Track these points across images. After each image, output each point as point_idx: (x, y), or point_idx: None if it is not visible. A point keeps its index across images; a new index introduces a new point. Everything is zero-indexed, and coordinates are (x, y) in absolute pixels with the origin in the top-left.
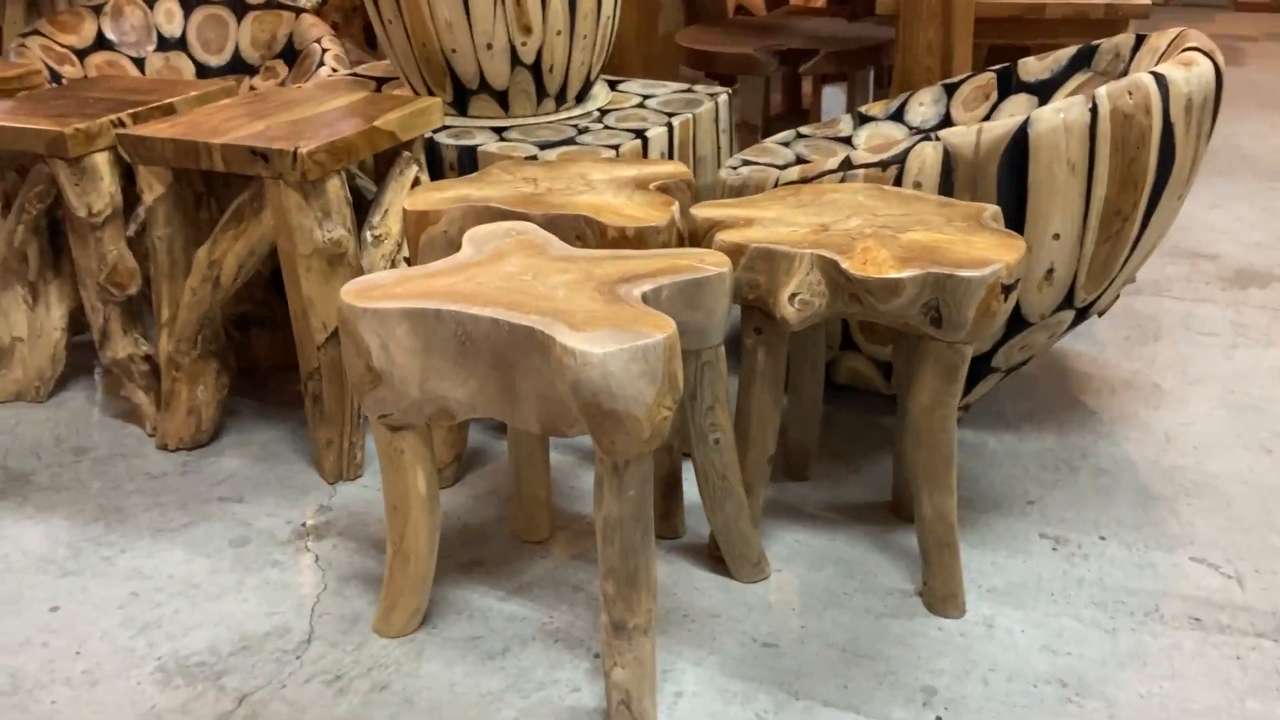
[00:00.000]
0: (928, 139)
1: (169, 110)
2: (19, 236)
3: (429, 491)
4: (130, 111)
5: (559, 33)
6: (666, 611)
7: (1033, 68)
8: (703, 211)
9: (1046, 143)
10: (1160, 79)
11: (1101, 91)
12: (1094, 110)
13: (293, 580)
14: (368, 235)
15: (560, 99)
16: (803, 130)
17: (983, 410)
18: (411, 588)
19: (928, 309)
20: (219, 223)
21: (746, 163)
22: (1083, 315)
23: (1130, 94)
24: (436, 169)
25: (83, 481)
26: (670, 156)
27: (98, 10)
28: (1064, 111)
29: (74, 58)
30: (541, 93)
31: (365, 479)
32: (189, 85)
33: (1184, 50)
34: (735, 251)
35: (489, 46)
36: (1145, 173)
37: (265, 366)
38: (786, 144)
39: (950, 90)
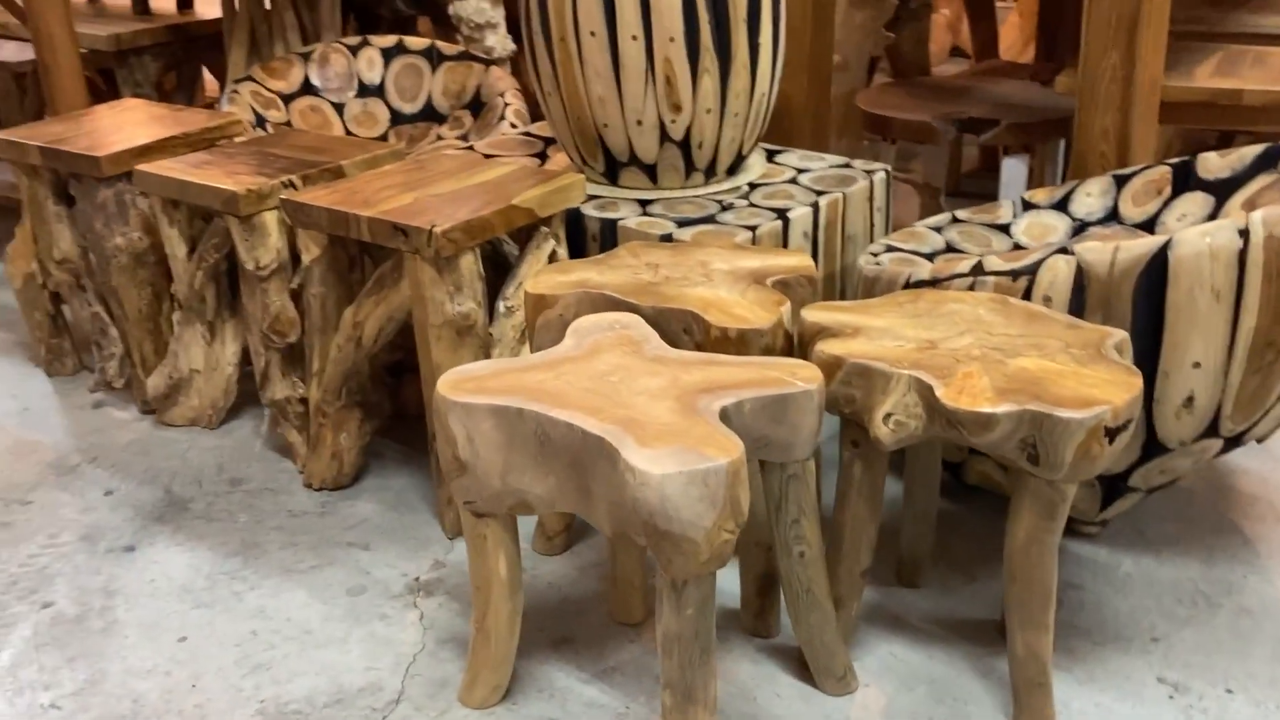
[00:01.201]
0: (1064, 251)
1: (338, 173)
2: (198, 280)
3: (509, 576)
4: (301, 174)
5: (709, 111)
6: (743, 716)
7: (1213, 164)
8: (812, 315)
9: (1188, 268)
10: None
11: (1257, 216)
12: (1245, 235)
13: (395, 637)
14: (501, 306)
15: (710, 173)
16: (959, 214)
17: (1124, 526)
18: (492, 665)
19: (1024, 445)
20: (364, 287)
21: (891, 249)
22: (1234, 444)
23: None
24: (580, 239)
25: (232, 513)
26: (815, 237)
27: (306, 57)
28: (1210, 235)
29: (280, 103)
30: (690, 167)
31: None
32: (361, 147)
33: None
34: (833, 364)
35: (639, 123)
36: None
37: (415, 412)
38: (939, 229)
39: (1121, 181)
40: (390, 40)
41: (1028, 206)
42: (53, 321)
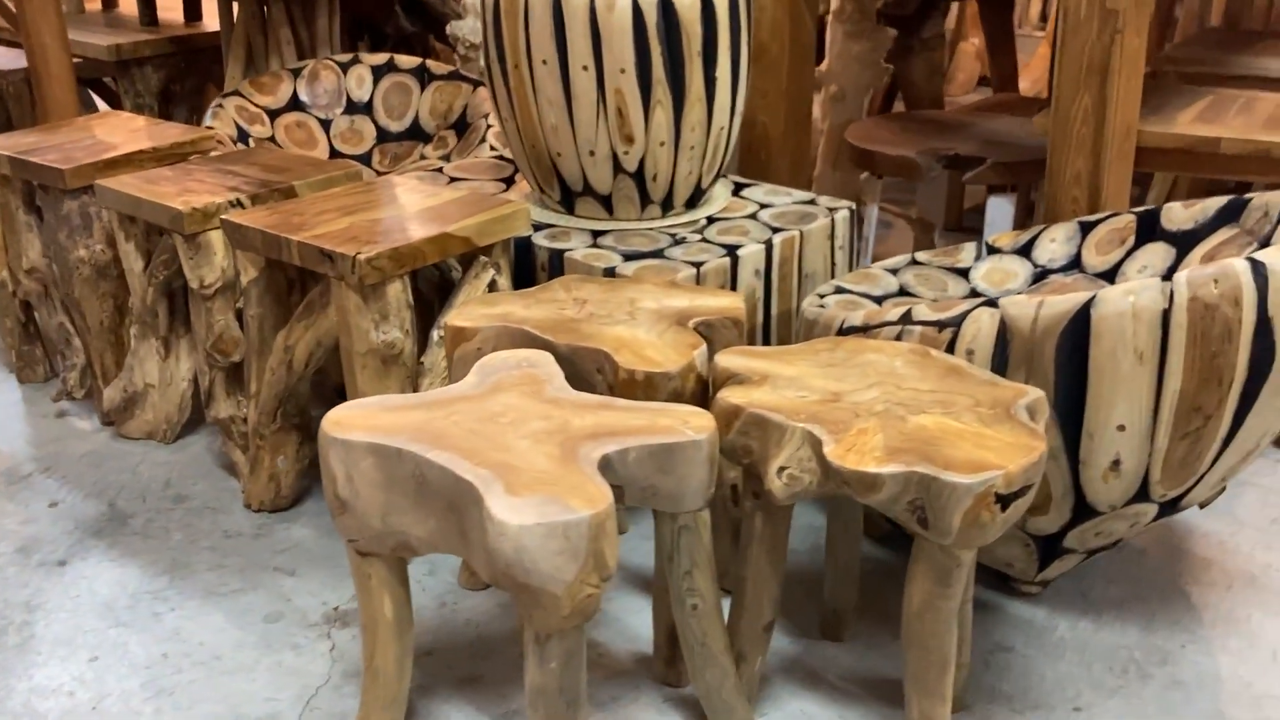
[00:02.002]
0: (991, 304)
1: (289, 193)
2: (150, 296)
3: (396, 616)
4: (252, 193)
5: (662, 144)
6: None
7: (1177, 215)
8: (725, 360)
9: (1110, 327)
10: (1258, 267)
11: (1182, 277)
12: (1170, 296)
13: (303, 668)
14: (435, 335)
15: (666, 206)
16: (919, 257)
17: (1067, 586)
18: (382, 704)
19: (914, 507)
20: (296, 311)
21: (841, 290)
22: (1170, 509)
23: (1216, 283)
24: (530, 268)
25: (169, 531)
26: (768, 275)
27: (296, 73)
28: (1134, 295)
29: (265, 118)
30: (646, 199)
31: (412, 568)
32: (318, 168)
33: None
34: (732, 413)
35: (591, 153)
36: (1232, 369)
37: None
38: (895, 271)
39: (1086, 229)
40: (381, 58)
41: (991, 250)
42: (24, 329)
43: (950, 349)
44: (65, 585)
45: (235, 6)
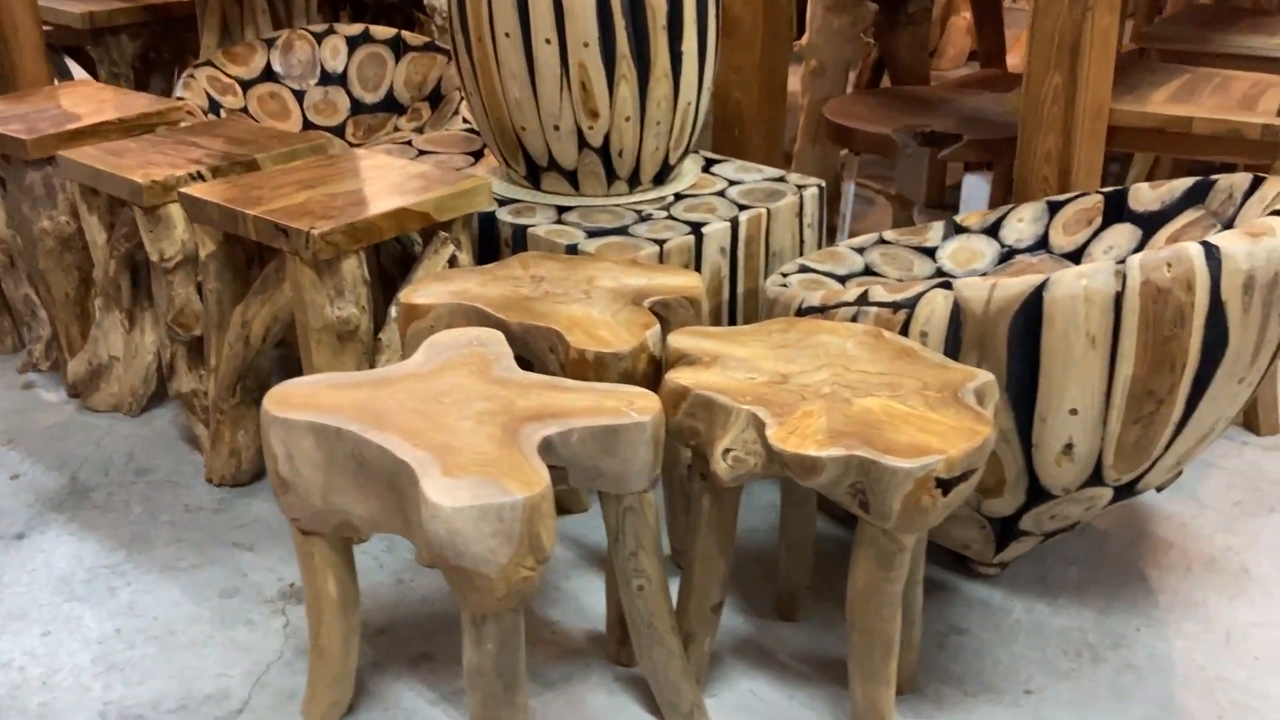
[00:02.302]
0: (945, 286)
1: (250, 166)
2: (113, 268)
3: (341, 595)
4: (213, 166)
5: (627, 119)
6: None
7: (1144, 196)
8: (678, 341)
9: (1063, 310)
10: (1212, 251)
11: (1135, 260)
12: (1123, 279)
13: (256, 644)
14: (393, 311)
15: (633, 182)
16: (886, 236)
17: (1025, 568)
18: (328, 682)
19: (855, 491)
20: (253, 285)
21: (805, 269)
22: (1126, 492)
23: (1169, 266)
24: (495, 244)
25: (129, 505)
26: (733, 253)
27: (270, 44)
28: (1087, 278)
29: (238, 88)
30: (612, 175)
31: (370, 546)
32: (282, 140)
33: (1269, 212)
34: (679, 395)
35: (556, 128)
36: (1185, 354)
37: None
38: (862, 250)
39: (1054, 208)
40: (356, 29)
41: (958, 230)
42: None
43: (905, 331)
44: (22, 559)
45: None
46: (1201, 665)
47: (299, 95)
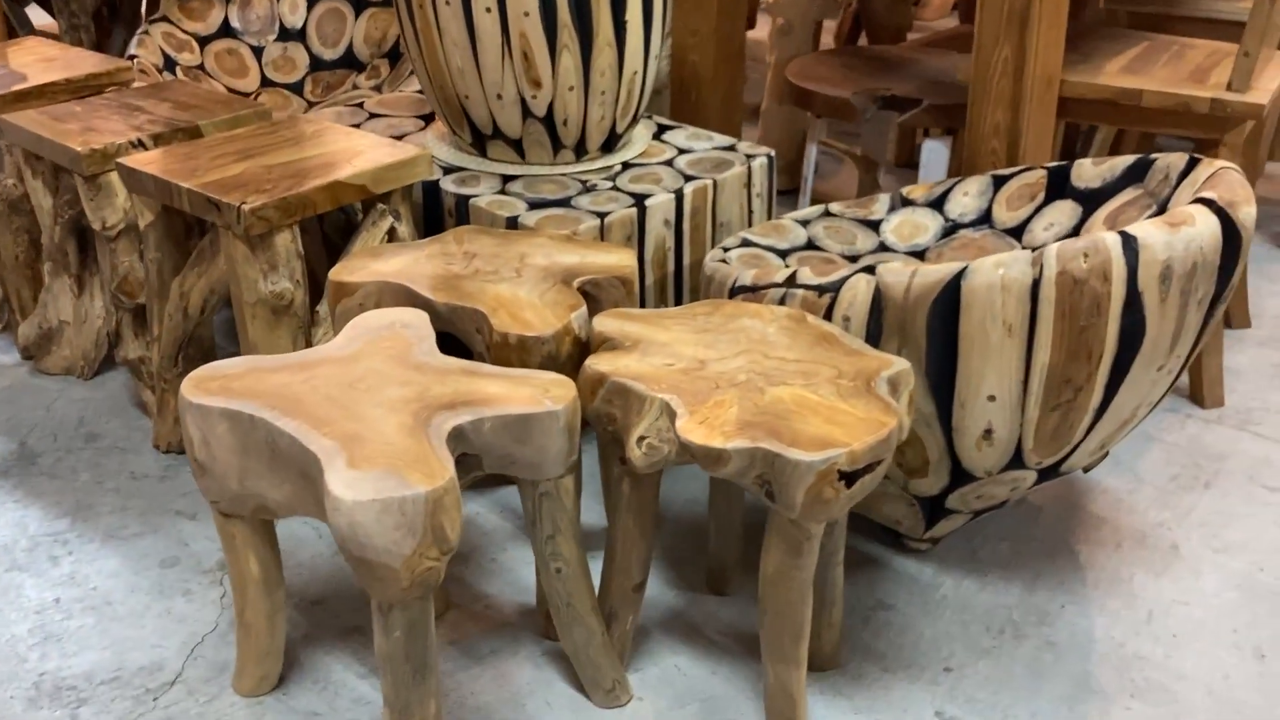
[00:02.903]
0: (869, 270)
1: (194, 133)
2: (58, 234)
3: (263, 575)
4: (152, 133)
5: (571, 89)
6: None
7: (1087, 172)
8: (602, 324)
9: (980, 299)
10: (1129, 241)
11: (1051, 250)
12: (1039, 269)
13: (192, 615)
14: None
15: (580, 150)
16: (832, 208)
17: (957, 543)
18: (255, 658)
19: (761, 481)
20: (190, 257)
21: (747, 243)
22: (1051, 474)
23: (1086, 256)
24: (439, 214)
25: (76, 471)
26: (678, 225)
27: None
28: (1004, 267)
29: (194, 44)
30: (557, 144)
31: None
32: (227, 106)
33: (1194, 200)
34: (596, 381)
35: (499, 96)
36: (1102, 343)
37: None
38: (806, 223)
39: (999, 183)
40: None
41: (905, 202)
42: None
43: (829, 314)
44: None
45: None
46: (1121, 642)
47: (257, 51)
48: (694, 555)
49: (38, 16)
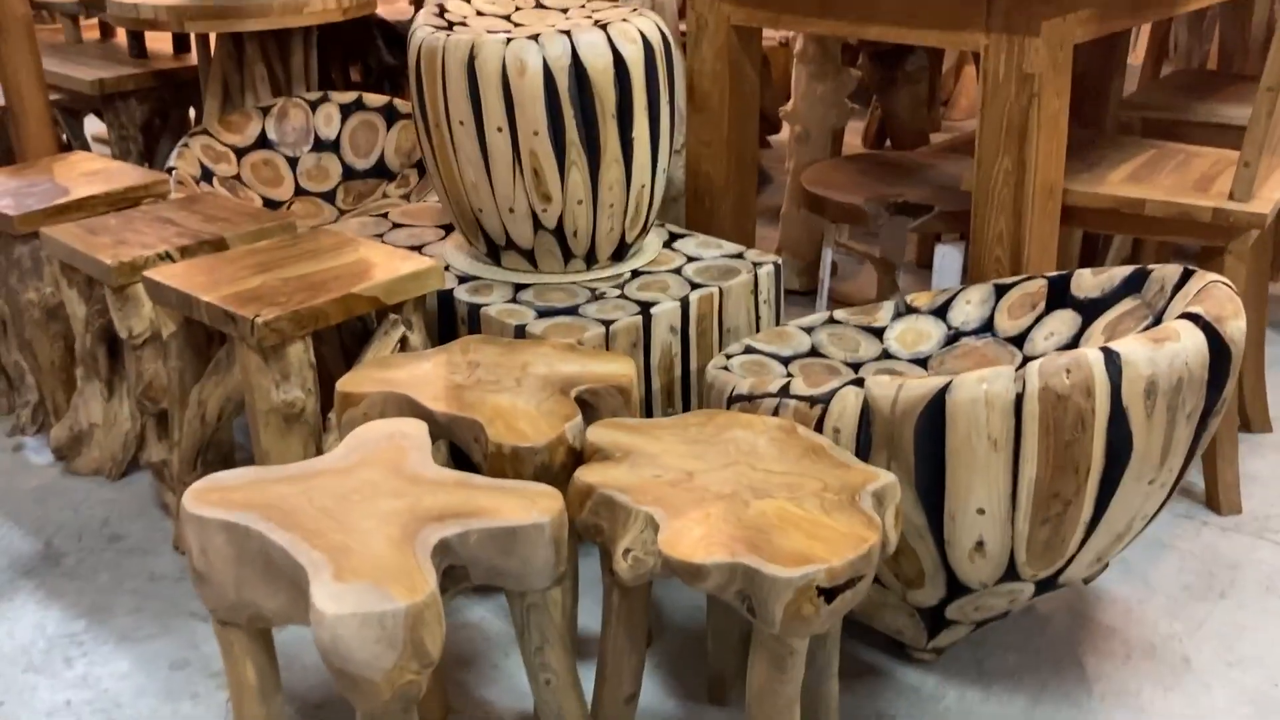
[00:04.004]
0: (858, 384)
1: (219, 245)
2: (90, 341)
3: (260, 683)
4: (180, 245)
5: (580, 202)
6: None
7: (1086, 282)
8: (595, 434)
9: (965, 413)
10: (1112, 357)
11: (1034, 366)
12: (1023, 385)
13: (197, 718)
14: None
15: (590, 260)
16: (837, 315)
17: (963, 653)
18: None
19: (742, 597)
20: (209, 366)
21: (750, 350)
22: (1049, 586)
23: (1068, 373)
24: (451, 322)
25: (97, 571)
26: (685, 331)
27: (266, 111)
28: (987, 382)
29: (232, 156)
30: (568, 254)
31: None
32: (255, 218)
33: (1178, 316)
34: (584, 493)
35: (511, 210)
36: (1088, 458)
37: None
38: (810, 329)
39: (1001, 291)
40: (350, 97)
41: (909, 310)
42: None
43: (820, 425)
44: None
45: (213, 42)
46: None
47: (292, 161)
48: (694, 664)
49: (93, 125)
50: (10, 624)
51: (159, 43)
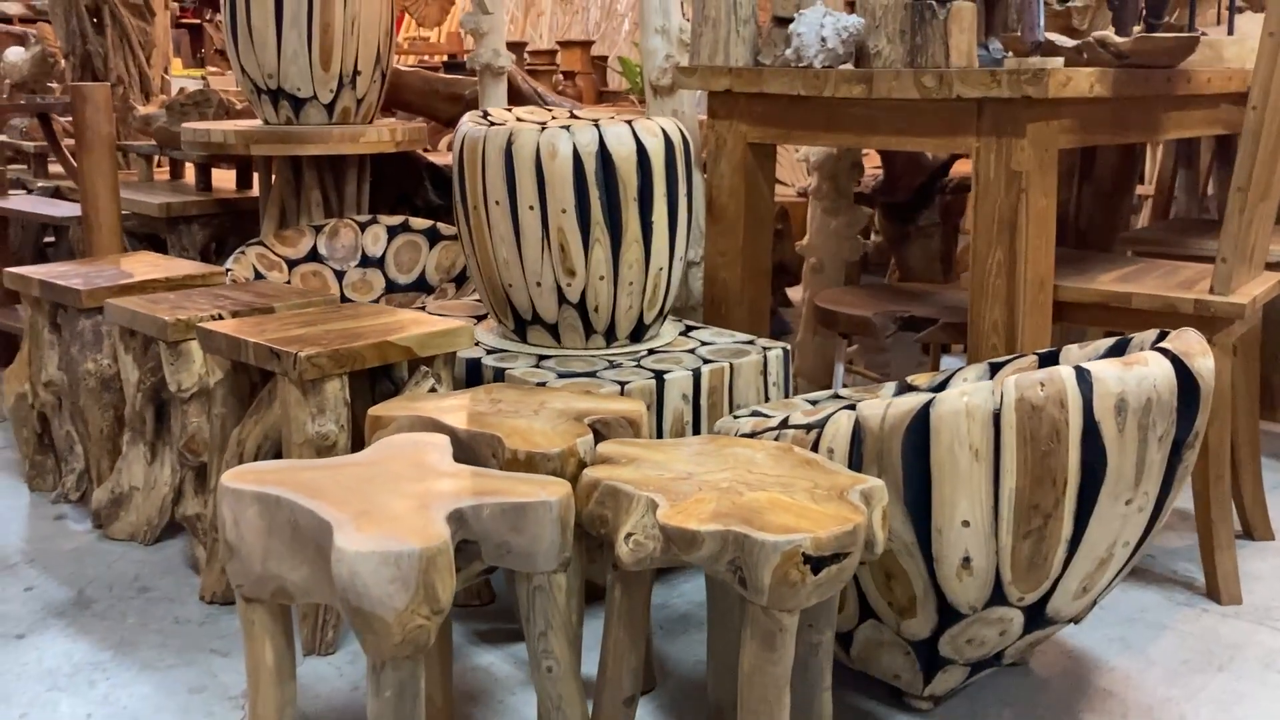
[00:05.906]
0: (851, 409)
1: (267, 310)
2: (139, 401)
3: (277, 665)
4: (231, 309)
5: (601, 278)
6: None
7: (1073, 356)
8: (604, 447)
9: (947, 424)
10: (1083, 374)
11: (1011, 380)
12: (1001, 396)
13: None
14: None
15: (610, 336)
16: (840, 391)
17: (960, 706)
18: None
19: (734, 567)
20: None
21: (757, 414)
22: (1038, 617)
23: (1042, 386)
24: (477, 384)
25: (125, 615)
26: (696, 401)
27: (319, 230)
28: (968, 395)
29: (284, 266)
30: (589, 329)
31: (336, 658)
32: (301, 294)
33: (1151, 346)
34: (591, 486)
35: (538, 284)
36: (1065, 469)
37: None
38: (814, 403)
39: (995, 369)
40: (397, 219)
41: (909, 388)
42: (39, 440)
43: (814, 448)
44: (18, 654)
45: (273, 171)
46: None
47: (339, 274)
48: (695, 706)
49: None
50: (40, 652)
51: (224, 180)
